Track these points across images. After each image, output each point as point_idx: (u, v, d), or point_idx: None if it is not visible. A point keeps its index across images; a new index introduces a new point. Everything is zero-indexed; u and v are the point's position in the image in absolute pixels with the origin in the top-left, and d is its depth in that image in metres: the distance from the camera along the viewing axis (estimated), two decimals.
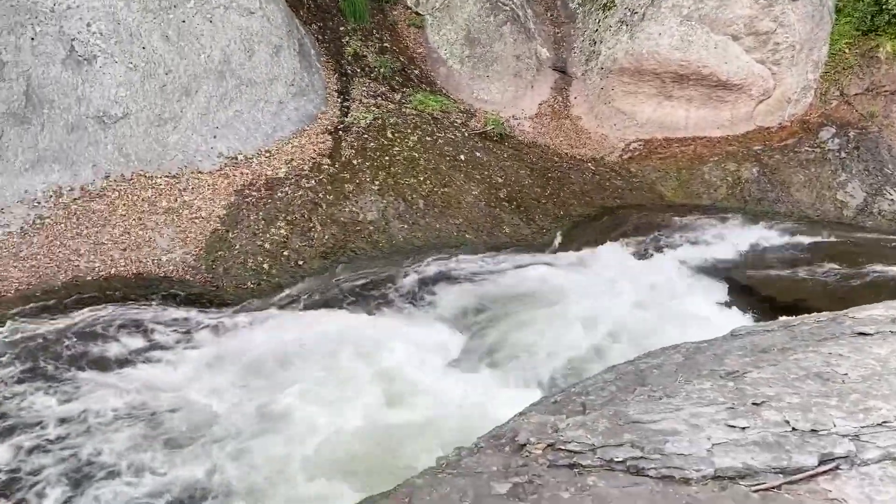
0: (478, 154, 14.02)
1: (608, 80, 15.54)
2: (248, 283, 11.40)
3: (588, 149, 15.34)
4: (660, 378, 5.75)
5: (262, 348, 9.57)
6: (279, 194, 12.35)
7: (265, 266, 11.62)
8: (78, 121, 11.36)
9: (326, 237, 12.13)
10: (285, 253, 11.84)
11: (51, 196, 11.15)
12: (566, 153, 15.07)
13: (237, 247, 11.66)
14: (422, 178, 13.19)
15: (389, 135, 13.64)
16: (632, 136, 15.58)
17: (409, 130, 13.84)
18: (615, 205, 14.08)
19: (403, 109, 14.23)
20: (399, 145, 13.53)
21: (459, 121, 14.71)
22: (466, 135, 14.41)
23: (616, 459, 4.35)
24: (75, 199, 11.28)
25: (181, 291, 11.02)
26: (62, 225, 11.00)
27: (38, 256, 10.70)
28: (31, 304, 10.23)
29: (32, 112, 11.01)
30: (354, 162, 13.06)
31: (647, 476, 4.26)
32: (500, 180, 13.72)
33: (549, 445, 4.68)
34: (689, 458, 4.36)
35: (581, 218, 13.61)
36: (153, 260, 11.21)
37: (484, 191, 13.42)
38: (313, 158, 12.91)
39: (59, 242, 10.88)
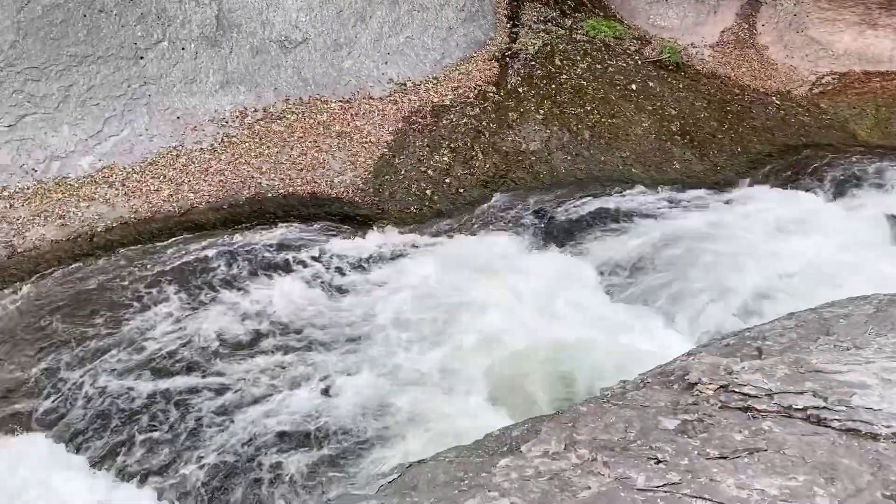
0: (650, 84, 13.34)
1: (803, 6, 14.12)
2: (411, 208, 11.69)
3: (774, 81, 14.13)
4: (847, 328, 5.32)
5: (427, 270, 9.86)
6: (444, 121, 12.45)
7: (427, 192, 11.85)
8: (262, 45, 11.95)
9: (488, 166, 12.14)
10: (447, 180, 12.00)
11: (237, 116, 11.90)
12: (748, 85, 13.98)
13: (402, 172, 11.95)
14: (589, 108, 12.78)
15: (557, 62, 13.27)
16: (825, 69, 14.16)
17: (579, 58, 13.38)
18: (800, 143, 12.97)
19: (574, 36, 13.74)
20: (567, 73, 13.14)
21: (633, 48, 14.00)
22: (639, 63, 13.72)
23: (795, 406, 4.10)
24: (258, 119, 11.98)
25: (351, 212, 11.53)
26: (246, 144, 11.75)
27: (225, 172, 11.53)
28: (219, 216, 11.15)
29: (222, 36, 11.71)
30: (520, 90, 12.86)
31: (830, 427, 3.98)
32: (672, 112, 13.01)
33: (721, 387, 4.50)
34: (878, 414, 4.03)
35: (761, 156, 12.68)
36: (326, 181, 11.75)
37: (654, 123, 12.80)
38: (479, 86, 12.85)
39: (243, 160, 11.65)
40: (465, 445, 4.01)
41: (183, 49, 11.61)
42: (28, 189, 10.78)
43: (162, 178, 11.30)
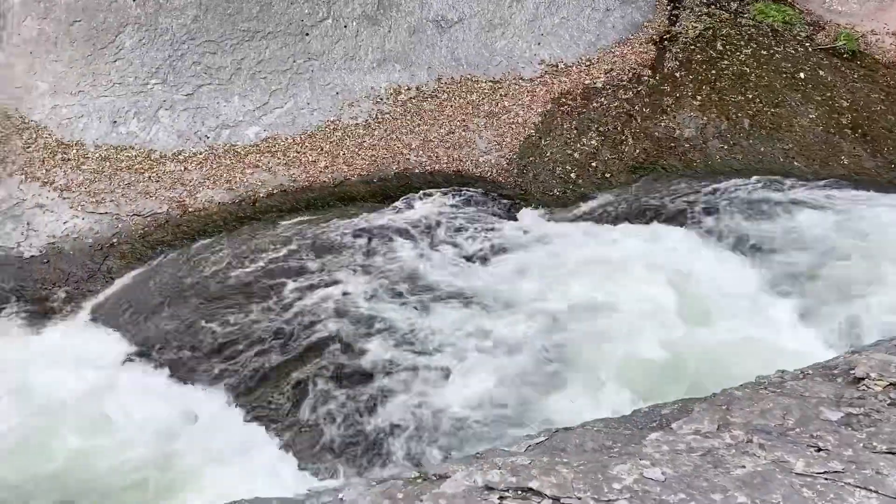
0: (821, 73, 12.47)
1: None
2: (555, 191, 11.62)
3: None
4: None
5: (567, 252, 9.79)
6: (594, 104, 12.25)
7: (572, 175, 11.72)
8: (419, 24, 12.25)
9: (637, 151, 11.84)
10: (593, 164, 11.81)
11: (391, 94, 12.28)
12: None
13: (548, 154, 11.89)
14: (750, 96, 12.14)
15: (719, 47, 12.68)
16: None
17: (743, 43, 12.72)
18: None
19: (739, 20, 13.07)
20: (729, 59, 12.54)
21: (803, 34, 13.13)
22: (810, 50, 12.85)
23: None
24: (411, 97, 12.30)
25: (494, 191, 11.63)
26: (399, 121, 12.11)
27: (378, 147, 11.95)
28: (370, 189, 11.59)
29: (382, 14, 12.11)
30: (677, 74, 12.42)
31: None
32: (844, 104, 12.11)
33: (891, 384, 4.20)
34: None
35: None
36: (472, 160, 11.91)
37: (823, 114, 11.97)
38: (633, 69, 12.52)
39: (395, 136, 12.02)
40: (613, 418, 3.99)
41: (345, 27, 12.12)
42: (200, 154, 11.66)
43: (319, 150, 11.87)
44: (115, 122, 11.39)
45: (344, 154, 11.86)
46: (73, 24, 11.43)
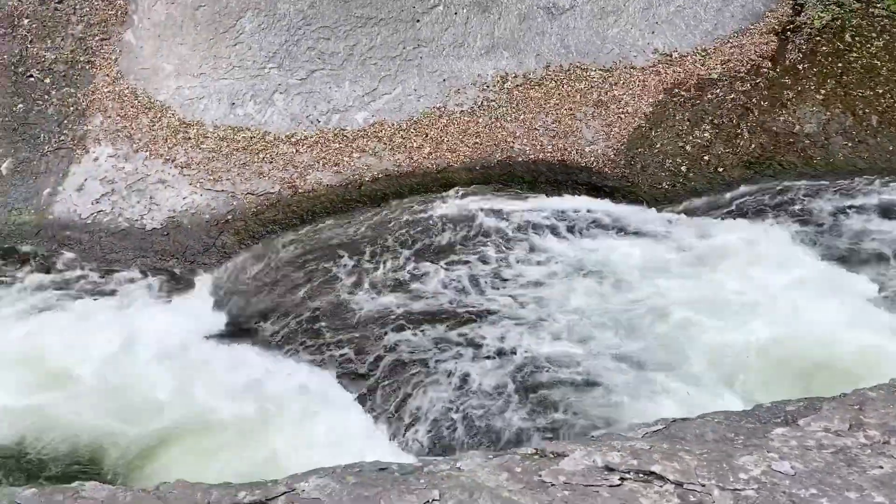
0: None
1: None
2: (663, 184, 11.31)
3: None
4: None
5: (681, 244, 9.54)
6: (709, 96, 11.83)
7: (683, 168, 11.38)
8: (529, 11, 12.16)
9: (753, 146, 11.36)
10: (706, 157, 11.42)
11: (498, 81, 12.26)
12: None
13: (658, 146, 11.58)
14: (880, 91, 11.42)
15: (848, 38, 11.98)
16: None
17: (874, 35, 11.97)
18: None
19: (871, 10, 12.29)
20: (858, 51, 11.83)
21: None
22: None
23: None
24: (518, 85, 12.24)
25: (598, 182, 11.45)
26: (504, 108, 12.08)
27: (481, 135, 11.96)
28: (472, 176, 11.63)
29: (493, 2, 12.09)
30: (799, 67, 11.82)
31: None
32: None
33: None
34: None
35: None
36: (577, 150, 11.75)
37: None
38: (752, 60, 12.00)
39: (499, 124, 12.00)
40: (734, 411, 3.85)
41: (455, 14, 12.17)
42: (311, 137, 12.00)
43: (424, 136, 12.00)
44: (233, 103, 11.87)
45: (448, 141, 11.94)
46: (198, 9, 11.98)
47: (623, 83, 12.10)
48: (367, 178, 11.70)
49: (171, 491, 3.25)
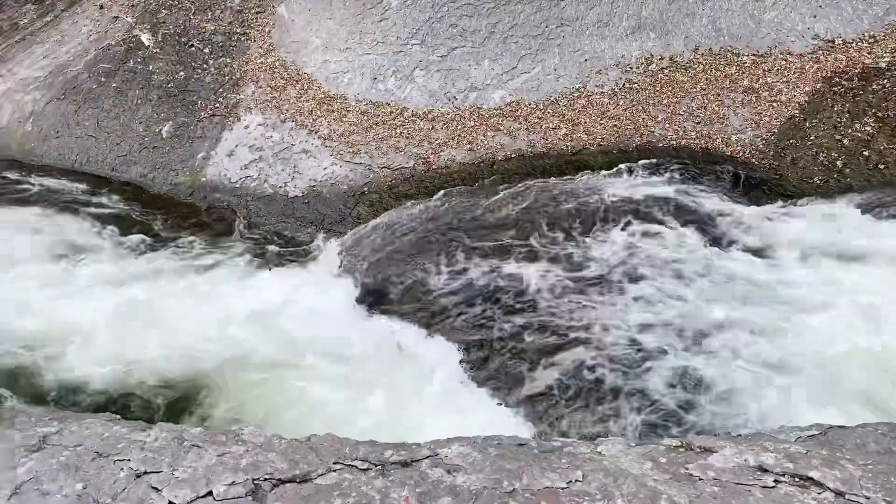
0: None
1: None
2: (815, 178, 10.63)
3: None
4: None
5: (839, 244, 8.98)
6: (874, 86, 10.96)
7: (838, 163, 10.64)
8: None
9: None
10: (865, 153, 10.62)
11: (642, 63, 11.89)
12: None
13: (812, 138, 10.88)
14: None
15: None
16: None
17: None
18: None
19: None
20: None
21: None
22: None
23: None
24: (662, 68, 11.82)
25: (743, 172, 10.91)
26: (647, 91, 11.71)
27: (621, 118, 11.66)
28: (607, 160, 11.39)
29: None
30: None
31: None
32: None
33: None
34: None
35: None
36: (722, 138, 11.23)
37: None
38: None
39: (640, 107, 11.65)
40: None
41: None
42: (447, 115, 12.12)
43: (561, 116, 11.84)
44: (375, 78, 12.17)
45: (585, 122, 11.73)
46: None
47: (777, 70, 11.42)
48: (499, 157, 11.70)
49: (322, 443, 3.42)
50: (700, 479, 2.90)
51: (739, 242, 9.56)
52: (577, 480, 2.93)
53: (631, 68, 11.86)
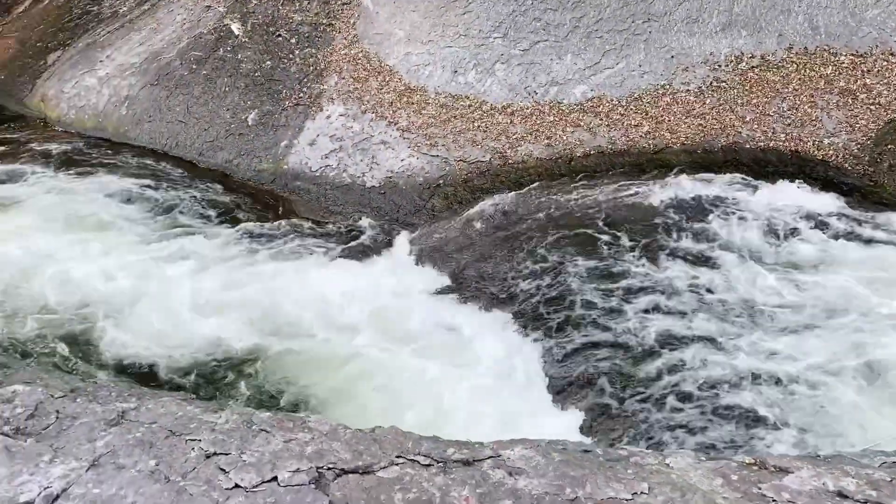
0: None
1: None
2: None
3: None
4: None
5: None
6: None
7: None
8: None
9: None
10: None
11: (731, 61, 11.47)
12: None
13: None
14: None
15: None
16: None
17: None
18: None
19: None
20: None
21: None
22: None
23: None
24: (753, 66, 11.38)
25: (835, 178, 10.41)
26: (735, 90, 11.30)
27: (707, 117, 11.30)
28: (690, 160, 11.06)
29: None
30: None
31: None
32: None
33: None
34: None
35: None
36: (814, 141, 10.73)
37: None
38: None
39: (728, 107, 11.25)
40: None
41: None
42: (526, 109, 12.01)
43: (644, 114, 11.56)
44: (455, 71, 12.17)
45: (669, 121, 11.42)
46: None
47: (878, 71, 10.82)
48: (578, 154, 11.53)
49: (386, 436, 3.45)
50: (773, 501, 2.77)
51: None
52: (642, 493, 2.86)
53: (720, 66, 11.46)
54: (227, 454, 3.43)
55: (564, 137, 11.67)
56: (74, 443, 3.65)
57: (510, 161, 11.64)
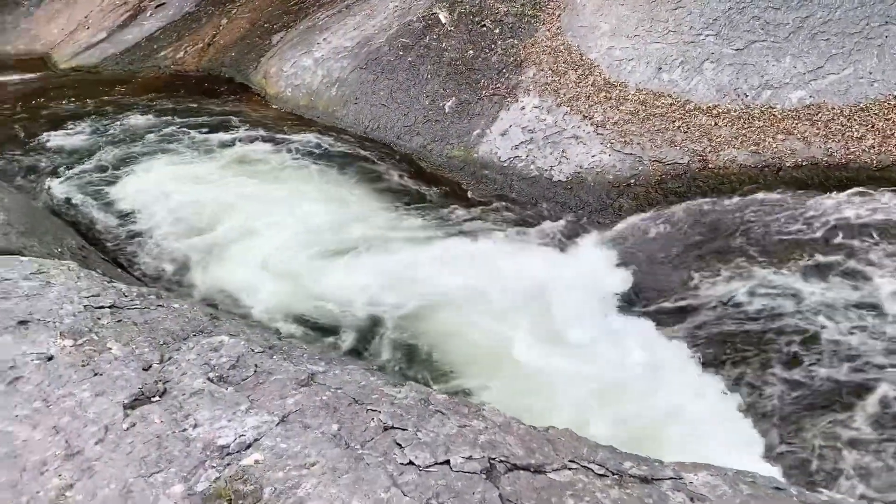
0: None
1: None
2: None
3: None
4: None
5: None
6: None
7: None
8: None
9: None
10: None
11: None
12: None
13: None
14: None
15: None
16: None
17: None
18: None
19: None
20: None
21: None
22: None
23: None
24: None
25: None
26: None
27: None
28: None
29: None
30: None
31: None
32: None
33: None
34: None
35: None
36: None
37: None
38: None
39: None
40: None
41: None
42: (734, 112, 11.27)
43: (869, 126, 10.44)
44: (659, 68, 11.68)
45: None
46: None
47: None
48: (787, 164, 10.65)
49: (560, 437, 3.36)
50: None
51: None
52: None
53: None
54: (403, 429, 3.51)
55: (774, 145, 10.82)
56: (268, 397, 3.91)
57: (710, 165, 11.00)
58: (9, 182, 11.74)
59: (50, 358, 4.20)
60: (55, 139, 13.94)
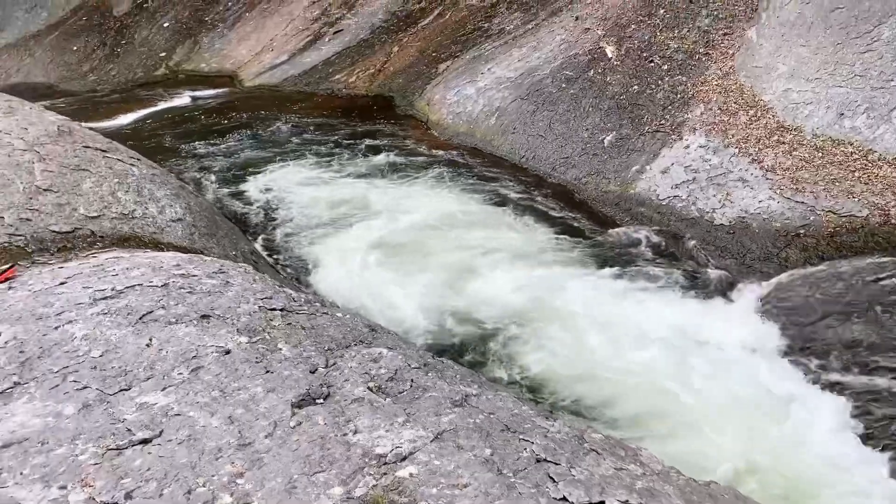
0: None
1: None
2: None
3: None
4: None
5: None
6: None
7: None
8: None
9: None
10: None
11: None
12: None
13: None
14: None
15: None
16: None
17: None
18: None
19: None
20: None
21: None
22: None
23: None
24: None
25: None
26: None
27: None
28: None
29: None
30: None
31: None
32: None
33: None
34: None
35: None
36: None
37: None
38: None
39: None
40: None
41: None
42: None
43: None
44: (842, 114, 10.96)
45: None
46: (834, 11, 11.25)
47: None
48: None
49: (723, 494, 3.20)
50: None
51: None
52: None
53: None
54: (556, 464, 3.47)
55: None
56: (424, 413, 4.00)
57: (893, 221, 10.15)
58: (196, 188, 12.85)
59: (227, 352, 4.52)
60: (232, 147, 15.14)
